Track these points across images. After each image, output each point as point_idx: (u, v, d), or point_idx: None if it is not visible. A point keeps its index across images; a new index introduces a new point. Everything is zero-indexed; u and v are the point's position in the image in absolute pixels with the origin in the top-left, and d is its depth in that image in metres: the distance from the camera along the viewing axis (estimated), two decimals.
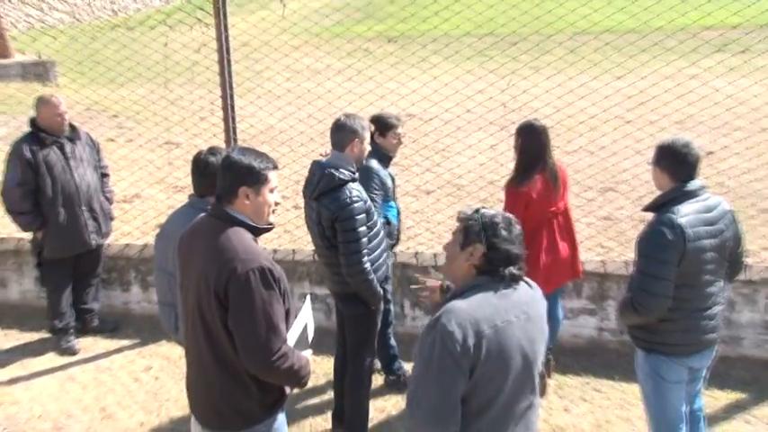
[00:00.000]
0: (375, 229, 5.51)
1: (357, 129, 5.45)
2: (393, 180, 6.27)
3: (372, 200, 5.78)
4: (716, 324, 4.85)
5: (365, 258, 5.34)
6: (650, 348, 4.84)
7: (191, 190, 5.24)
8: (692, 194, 4.67)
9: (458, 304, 3.37)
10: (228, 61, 7.10)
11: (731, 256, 4.87)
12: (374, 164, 6.02)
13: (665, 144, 4.80)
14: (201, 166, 5.08)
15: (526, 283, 3.59)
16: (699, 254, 4.59)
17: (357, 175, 5.48)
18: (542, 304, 3.61)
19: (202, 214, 4.15)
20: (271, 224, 4.03)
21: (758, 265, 7.10)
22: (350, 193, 5.28)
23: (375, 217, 5.52)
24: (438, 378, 3.29)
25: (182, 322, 4.40)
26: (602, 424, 6.06)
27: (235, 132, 7.31)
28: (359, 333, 5.73)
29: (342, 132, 5.46)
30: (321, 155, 5.67)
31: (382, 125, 6.13)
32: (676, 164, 4.71)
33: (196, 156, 5.21)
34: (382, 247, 5.64)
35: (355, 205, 5.26)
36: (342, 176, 5.31)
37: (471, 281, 3.48)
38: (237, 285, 3.70)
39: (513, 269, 3.45)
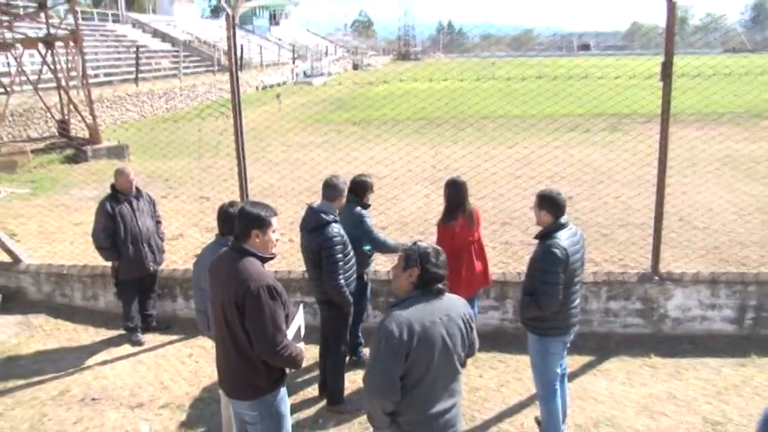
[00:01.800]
0: (349, 256, 5.47)
1: (341, 187, 5.49)
2: None
3: (374, 235, 5.96)
4: (578, 311, 4.94)
5: (341, 277, 5.33)
6: (542, 333, 4.86)
7: (217, 231, 5.18)
8: (564, 226, 4.73)
9: (398, 311, 3.42)
10: (242, 140, 7.04)
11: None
12: (365, 212, 6.02)
13: (545, 193, 4.83)
14: (224, 215, 5.08)
15: (454, 297, 3.61)
16: (572, 266, 4.67)
17: (338, 217, 5.45)
18: (462, 309, 3.57)
19: (225, 248, 4.09)
20: (273, 254, 4.02)
21: (600, 271, 7.15)
22: (332, 231, 5.28)
23: (349, 248, 5.47)
24: (383, 363, 3.36)
25: (212, 323, 4.30)
26: (504, 384, 6.02)
27: (247, 189, 7.22)
28: (334, 329, 5.67)
29: (331, 188, 5.47)
30: (308, 204, 5.63)
31: (363, 186, 6.12)
32: (553, 206, 4.74)
33: (219, 207, 5.20)
34: (354, 269, 5.58)
35: (335, 239, 5.27)
36: (327, 218, 5.31)
37: (409, 293, 3.50)
38: (251, 298, 3.71)
39: (439, 286, 3.49)
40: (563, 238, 4.64)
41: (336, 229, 5.33)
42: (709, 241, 9.34)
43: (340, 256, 5.30)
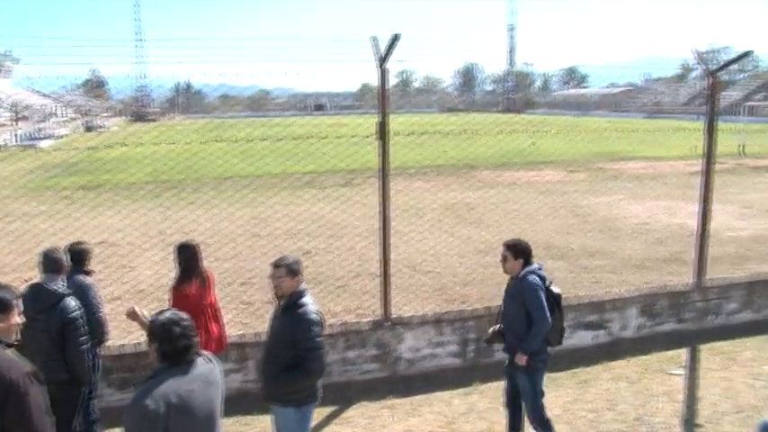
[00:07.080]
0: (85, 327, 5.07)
1: (63, 258, 5.15)
2: None
3: (98, 306, 5.52)
4: None
5: (85, 348, 4.98)
6: (301, 402, 4.49)
7: None
8: (305, 291, 4.48)
9: (150, 384, 3.20)
10: None
11: None
12: (91, 282, 5.59)
13: (285, 262, 4.53)
14: None
15: (208, 358, 3.46)
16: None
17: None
18: (219, 373, 3.48)
19: None
20: (18, 340, 3.54)
21: (337, 322, 7.35)
22: (71, 304, 4.89)
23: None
24: None
25: None
26: None
27: None
28: (69, 410, 5.06)
29: (54, 261, 5.06)
30: (26, 281, 5.08)
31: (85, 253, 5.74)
32: (297, 272, 4.48)
33: None
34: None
35: (76, 312, 4.90)
36: (63, 292, 4.92)
37: (158, 367, 3.28)
38: (15, 391, 3.19)
39: (187, 356, 3.29)
40: (311, 302, 4.45)
41: (74, 301, 4.95)
42: (434, 283, 10.15)
43: (83, 328, 4.94)
